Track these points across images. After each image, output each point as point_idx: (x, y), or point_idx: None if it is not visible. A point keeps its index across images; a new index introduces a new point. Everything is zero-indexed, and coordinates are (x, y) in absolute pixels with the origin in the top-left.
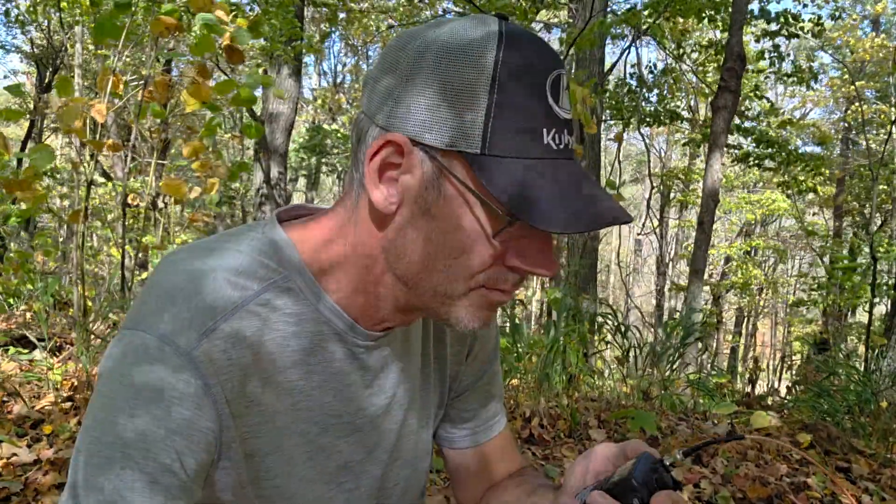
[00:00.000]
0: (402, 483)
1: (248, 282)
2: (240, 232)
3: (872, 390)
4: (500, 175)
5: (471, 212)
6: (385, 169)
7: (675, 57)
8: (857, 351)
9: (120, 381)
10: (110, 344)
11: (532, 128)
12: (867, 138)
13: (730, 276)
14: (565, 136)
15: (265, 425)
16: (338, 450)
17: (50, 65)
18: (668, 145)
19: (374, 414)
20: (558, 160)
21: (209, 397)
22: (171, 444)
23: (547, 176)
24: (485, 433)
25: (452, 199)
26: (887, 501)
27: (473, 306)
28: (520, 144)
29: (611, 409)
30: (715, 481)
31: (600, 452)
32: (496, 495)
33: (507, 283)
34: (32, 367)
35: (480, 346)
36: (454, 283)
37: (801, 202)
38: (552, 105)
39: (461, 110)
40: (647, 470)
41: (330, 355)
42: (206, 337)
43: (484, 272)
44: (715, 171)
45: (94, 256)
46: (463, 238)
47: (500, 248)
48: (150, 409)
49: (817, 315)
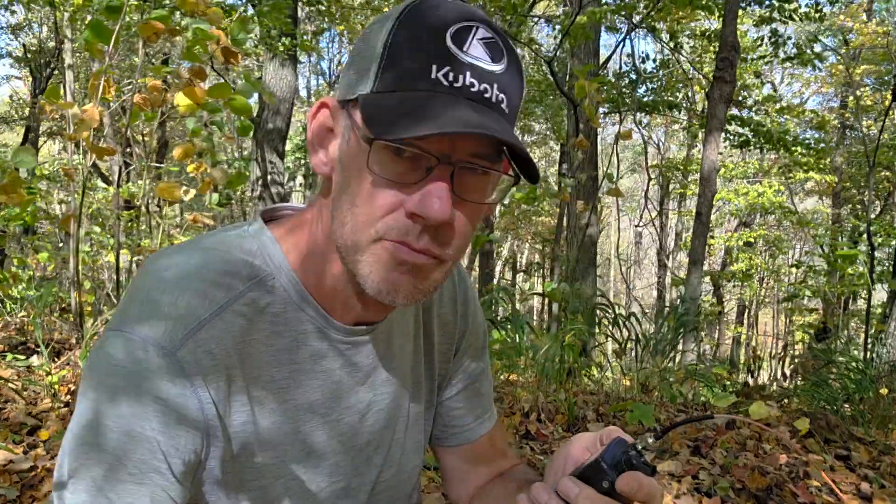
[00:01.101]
0: (393, 479)
1: (232, 281)
2: (224, 232)
3: (870, 378)
4: (375, 107)
5: (363, 152)
6: (324, 134)
7: (671, 49)
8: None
9: (105, 383)
10: (94, 346)
11: (418, 66)
12: (861, 125)
13: (730, 267)
14: (467, 77)
15: (252, 425)
16: (327, 447)
17: (44, 70)
18: (666, 136)
19: (362, 410)
20: (447, 95)
21: (195, 397)
22: (157, 445)
23: (418, 103)
24: (475, 430)
25: (353, 145)
26: (887, 488)
27: (379, 262)
28: (402, 80)
29: (609, 402)
30: (714, 472)
31: (578, 441)
32: (487, 492)
33: (411, 237)
34: (30, 373)
35: (468, 343)
36: (358, 233)
37: (801, 191)
38: (450, 46)
39: (365, 63)
40: (617, 453)
41: (315, 353)
42: (190, 338)
43: (384, 220)
44: (711, 161)
45: (94, 261)
46: (362, 183)
47: (386, 186)
48: (136, 410)
49: (818, 303)
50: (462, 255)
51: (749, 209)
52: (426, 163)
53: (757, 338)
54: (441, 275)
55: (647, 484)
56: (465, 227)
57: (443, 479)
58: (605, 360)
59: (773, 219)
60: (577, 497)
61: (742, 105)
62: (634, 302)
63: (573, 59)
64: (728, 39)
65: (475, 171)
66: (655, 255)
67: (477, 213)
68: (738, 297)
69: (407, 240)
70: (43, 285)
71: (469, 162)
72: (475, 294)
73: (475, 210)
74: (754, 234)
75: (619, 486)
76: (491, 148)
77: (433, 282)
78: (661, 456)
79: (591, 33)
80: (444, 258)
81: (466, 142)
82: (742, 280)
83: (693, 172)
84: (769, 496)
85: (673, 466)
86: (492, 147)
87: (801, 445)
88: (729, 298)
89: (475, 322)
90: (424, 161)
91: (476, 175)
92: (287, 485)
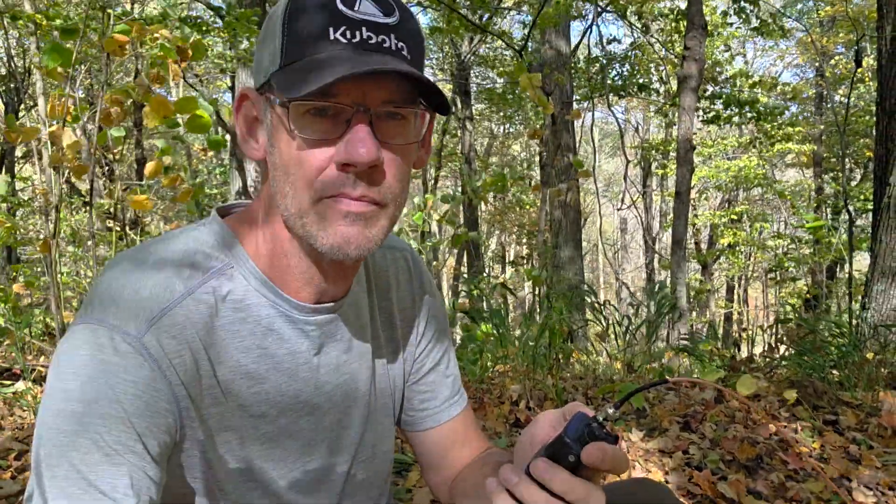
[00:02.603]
0: (366, 462)
1: (192, 272)
2: (182, 229)
3: (854, 343)
4: (285, 77)
5: (282, 122)
6: (250, 123)
7: (641, 31)
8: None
9: (74, 372)
10: (60, 341)
11: (316, 31)
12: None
13: (717, 244)
14: (364, 32)
15: (222, 407)
16: (298, 429)
17: (16, 94)
18: (644, 119)
19: (330, 392)
20: (349, 50)
21: (164, 380)
22: (131, 426)
23: (322, 61)
24: (445, 413)
25: (276, 121)
26: (874, 449)
27: (325, 219)
28: (305, 47)
29: (597, 385)
30: (703, 446)
31: (543, 420)
32: (464, 477)
33: (347, 187)
34: (16, 399)
35: (429, 326)
36: (298, 197)
37: (782, 164)
38: (341, 9)
39: (270, 46)
40: (579, 427)
41: (280, 336)
42: (154, 324)
43: (319, 178)
44: (686, 140)
45: (78, 284)
46: (289, 150)
47: (321, 146)
48: (108, 394)
49: (805, 273)
50: (402, 200)
51: (734, 182)
52: (344, 116)
53: (748, 312)
54: (386, 220)
55: (611, 452)
56: (397, 169)
57: (420, 467)
58: (591, 344)
59: (756, 193)
60: (552, 479)
61: (715, 81)
62: (623, 286)
63: (545, 47)
64: (695, 18)
65: (394, 117)
66: (642, 237)
67: (405, 155)
68: (727, 274)
69: (344, 191)
70: (24, 311)
71: (385, 109)
72: (431, 278)
73: (403, 151)
74: (738, 210)
75: (584, 458)
76: (404, 93)
77: (381, 228)
78: (651, 434)
79: (559, 19)
80: (383, 202)
81: (378, 90)
82: (728, 256)
83: (672, 152)
84: (759, 466)
85: (663, 443)
86: (405, 92)
87: (790, 413)
88: (718, 275)
89: (434, 305)
90: (343, 115)
91: (395, 120)
92: (261, 465)
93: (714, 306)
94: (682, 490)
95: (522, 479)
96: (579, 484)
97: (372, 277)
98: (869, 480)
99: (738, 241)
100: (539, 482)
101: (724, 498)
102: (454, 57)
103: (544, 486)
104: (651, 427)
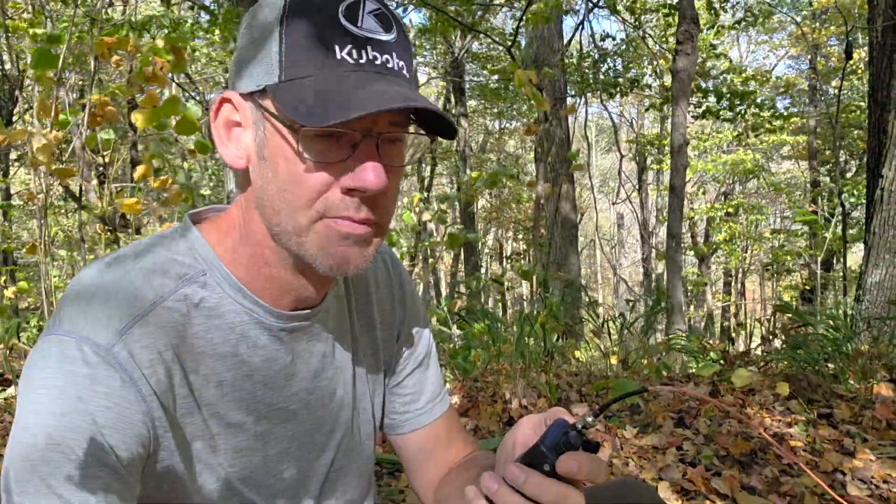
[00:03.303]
0: (344, 468)
1: (163, 280)
2: (154, 238)
3: (847, 335)
4: (292, 95)
5: (285, 140)
6: (229, 127)
7: (633, 26)
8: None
9: (44, 385)
10: (30, 353)
11: (321, 47)
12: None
13: (714, 237)
14: (369, 51)
15: (196, 416)
16: (275, 437)
17: (8, 97)
18: (638, 114)
19: (307, 398)
20: (358, 72)
21: (135, 391)
22: (102, 439)
23: (335, 87)
24: (428, 414)
25: (273, 136)
26: (869, 442)
27: (323, 240)
28: (310, 64)
29: (592, 382)
30: (698, 442)
31: (525, 424)
32: (449, 481)
33: (351, 210)
34: (8, 406)
35: (409, 326)
36: (296, 216)
37: (777, 156)
38: (346, 25)
39: (263, 52)
40: (556, 435)
41: (255, 343)
42: (125, 334)
43: (321, 199)
44: (680, 134)
45: None
46: (289, 168)
47: (321, 168)
48: (78, 407)
49: (799, 265)
50: (392, 216)
51: (731, 174)
52: (350, 139)
53: (746, 305)
54: (380, 238)
55: (586, 463)
56: (393, 190)
57: (405, 470)
58: (586, 341)
59: (751, 186)
60: (525, 483)
61: (708, 76)
62: (621, 281)
63: (537, 42)
64: (686, 12)
65: (395, 139)
66: (639, 232)
67: (400, 175)
68: (724, 266)
69: (348, 214)
70: (15, 316)
71: (389, 132)
72: (409, 278)
73: (398, 173)
74: (734, 203)
75: (559, 468)
76: (405, 115)
77: (375, 245)
78: (644, 431)
79: (551, 17)
80: (382, 223)
81: (385, 114)
82: (725, 250)
83: (666, 147)
84: (754, 460)
85: (657, 440)
86: (405, 114)
87: (785, 407)
88: (715, 269)
89: (414, 305)
90: (348, 138)
91: (395, 142)
92: (238, 474)
93: (711, 299)
94: (676, 486)
95: (501, 487)
96: (552, 486)
97: (350, 280)
98: (863, 473)
99: (735, 234)
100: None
101: (718, 493)
102: (448, 54)
103: (520, 492)
104: (645, 423)
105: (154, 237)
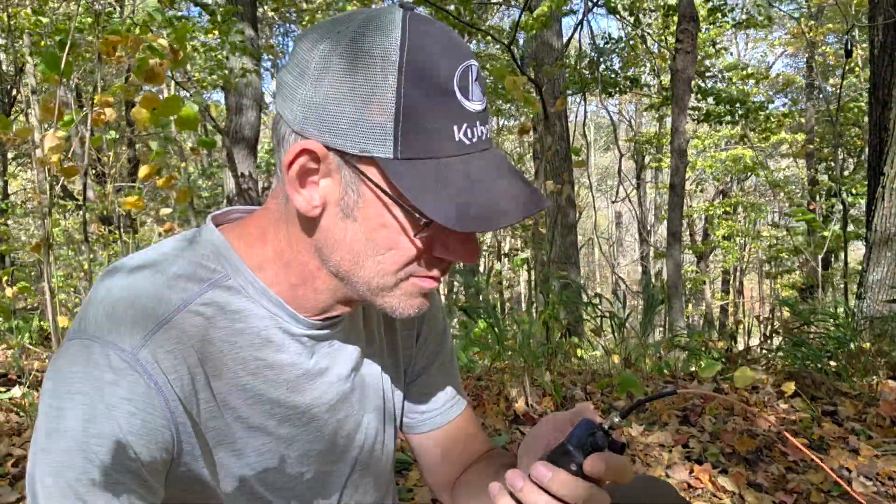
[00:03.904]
0: (366, 469)
1: (188, 284)
2: (177, 239)
3: (850, 333)
4: (411, 178)
5: (390, 213)
6: (305, 174)
7: (632, 25)
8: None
9: (68, 390)
10: (53, 357)
11: (442, 127)
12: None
13: (712, 236)
14: (478, 128)
15: (219, 419)
16: (297, 440)
17: (7, 95)
18: (636, 112)
19: (330, 402)
20: (472, 154)
21: (160, 397)
22: (127, 445)
23: (459, 173)
24: (446, 415)
25: (372, 202)
26: (873, 440)
27: (406, 295)
28: (430, 145)
29: (595, 380)
30: (703, 439)
31: (550, 423)
32: (467, 480)
33: (436, 272)
34: (13, 406)
35: (428, 328)
36: (384, 277)
37: (776, 154)
38: (461, 101)
39: (370, 115)
40: (582, 435)
41: (279, 349)
42: (149, 339)
43: (414, 262)
44: (680, 133)
45: (74, 288)
46: (387, 236)
47: (424, 242)
48: (103, 413)
49: (798, 263)
50: None
51: (731, 171)
52: None
53: (744, 304)
54: None
55: (613, 464)
56: None
57: (421, 469)
58: (588, 340)
59: (749, 184)
60: (551, 481)
61: (705, 76)
62: (619, 280)
63: (536, 41)
64: (686, 11)
65: None
66: (637, 231)
67: None
68: (722, 265)
69: (433, 274)
70: (20, 317)
71: None
72: None
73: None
74: (732, 201)
75: (586, 469)
76: None
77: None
78: (650, 429)
79: (550, 19)
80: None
81: None
82: (724, 248)
83: (665, 145)
84: (759, 458)
85: (663, 437)
86: None
87: (789, 405)
88: (714, 267)
89: (434, 306)
90: None
91: None
92: (260, 476)
93: (710, 297)
94: (683, 484)
95: (527, 484)
96: (579, 485)
97: None
98: (868, 470)
99: (733, 232)
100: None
101: (725, 491)
102: None
103: (546, 490)
104: (651, 421)
105: (177, 240)
